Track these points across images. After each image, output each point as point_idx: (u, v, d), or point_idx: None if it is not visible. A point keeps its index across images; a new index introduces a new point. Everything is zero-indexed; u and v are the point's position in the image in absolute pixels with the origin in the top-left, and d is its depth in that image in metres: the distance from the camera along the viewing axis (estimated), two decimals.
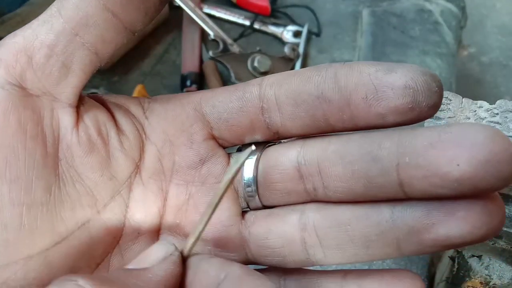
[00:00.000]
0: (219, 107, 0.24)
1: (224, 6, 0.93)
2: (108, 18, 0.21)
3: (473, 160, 0.18)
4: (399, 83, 0.20)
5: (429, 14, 0.96)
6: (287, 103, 0.22)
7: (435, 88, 0.20)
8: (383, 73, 0.20)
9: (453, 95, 0.39)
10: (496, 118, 0.37)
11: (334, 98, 0.21)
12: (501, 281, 0.40)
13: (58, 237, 0.22)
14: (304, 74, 0.22)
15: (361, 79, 0.20)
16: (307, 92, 0.22)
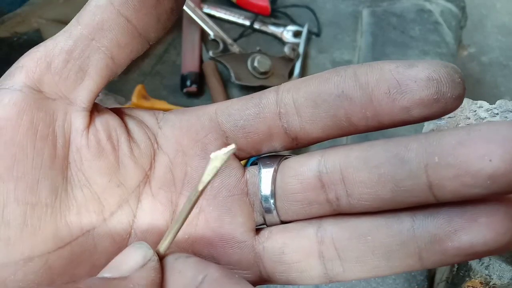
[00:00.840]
0: (235, 115, 0.23)
1: (224, 6, 0.93)
2: (123, 23, 0.22)
3: (507, 155, 0.17)
4: (422, 75, 0.19)
5: (429, 14, 0.96)
6: (306, 105, 0.22)
7: (458, 79, 0.19)
8: (404, 68, 0.20)
9: None
10: (496, 118, 0.37)
11: (356, 96, 0.21)
12: (501, 281, 0.40)
13: (61, 242, 0.21)
14: (322, 76, 0.22)
15: (383, 75, 0.21)
16: (327, 92, 0.21)
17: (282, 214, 0.24)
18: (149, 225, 0.24)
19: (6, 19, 0.79)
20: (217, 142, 0.24)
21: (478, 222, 0.19)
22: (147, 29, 0.23)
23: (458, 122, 0.37)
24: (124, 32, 0.22)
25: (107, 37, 0.22)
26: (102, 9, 0.22)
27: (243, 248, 0.23)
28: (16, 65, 0.22)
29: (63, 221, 0.22)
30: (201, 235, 0.24)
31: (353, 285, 0.55)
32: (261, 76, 0.78)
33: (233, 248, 0.23)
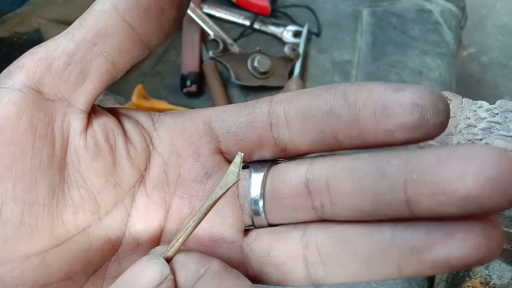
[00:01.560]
0: (228, 121, 0.24)
1: (224, 6, 0.93)
2: (126, 30, 0.22)
3: (480, 177, 0.18)
4: (408, 100, 0.20)
5: (429, 14, 0.96)
6: (296, 119, 0.23)
7: (442, 107, 0.20)
8: (392, 91, 0.20)
9: (453, 95, 0.39)
10: (496, 118, 0.37)
11: (343, 114, 0.21)
12: (501, 281, 0.40)
13: (57, 240, 0.22)
14: (314, 92, 0.23)
15: (371, 96, 0.21)
16: (316, 107, 0.22)
17: (270, 217, 0.25)
18: (143, 224, 0.24)
19: (6, 19, 0.79)
20: (210, 146, 0.25)
21: (455, 237, 0.19)
22: (150, 36, 0.23)
23: (458, 122, 0.37)
24: (126, 39, 0.23)
25: (110, 42, 0.22)
26: (106, 15, 0.22)
27: (232, 248, 0.24)
28: (16, 64, 0.22)
29: (60, 220, 0.22)
30: (193, 234, 0.24)
31: (353, 285, 0.55)
32: (261, 76, 0.78)
33: (223, 248, 0.24)
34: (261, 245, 0.24)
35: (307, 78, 0.81)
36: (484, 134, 0.36)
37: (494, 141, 0.36)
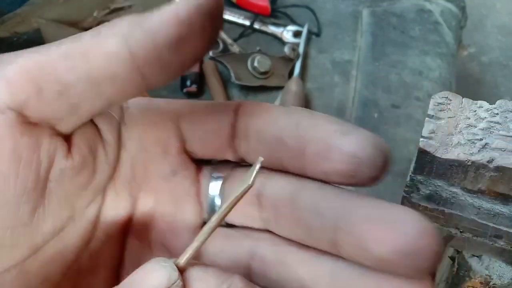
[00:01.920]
0: (196, 125, 0.24)
1: (224, 6, 0.92)
2: (137, 79, 0.20)
3: (395, 247, 0.18)
4: (348, 150, 0.20)
5: (429, 14, 0.96)
6: (253, 135, 0.23)
7: (379, 163, 0.20)
8: (338, 135, 0.21)
9: (453, 95, 0.39)
10: (496, 118, 0.37)
11: (291, 145, 0.22)
12: (501, 281, 0.40)
13: (35, 249, 0.22)
14: (273, 113, 0.23)
15: (318, 135, 0.21)
16: (270, 132, 0.22)
17: (227, 217, 0.25)
18: (113, 220, 0.25)
19: (6, 19, 0.79)
20: (177, 145, 0.25)
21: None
22: (154, 83, 0.22)
23: (458, 122, 0.37)
24: (134, 86, 0.21)
25: (116, 87, 0.20)
26: (121, 61, 0.20)
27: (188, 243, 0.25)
28: (1, 73, 0.20)
29: (39, 232, 0.22)
30: (156, 226, 0.25)
31: None
32: (261, 76, 0.78)
33: (182, 241, 0.25)
34: (214, 245, 0.25)
35: (307, 78, 0.81)
36: (484, 134, 0.36)
37: (494, 141, 0.36)
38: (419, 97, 0.79)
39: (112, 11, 0.84)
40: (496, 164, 0.35)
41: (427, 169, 0.37)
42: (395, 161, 0.76)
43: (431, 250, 0.18)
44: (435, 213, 0.40)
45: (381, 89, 0.80)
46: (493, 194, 0.37)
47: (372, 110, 0.76)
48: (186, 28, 0.19)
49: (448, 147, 0.36)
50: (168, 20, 0.19)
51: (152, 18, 0.19)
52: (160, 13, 0.19)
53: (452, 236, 0.41)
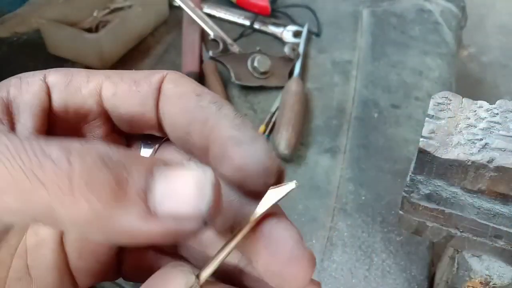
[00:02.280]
0: (121, 108, 0.23)
1: (224, 6, 0.92)
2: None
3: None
4: (236, 162, 0.21)
5: (429, 14, 0.96)
6: (168, 125, 0.23)
7: (264, 178, 0.21)
8: (231, 143, 0.21)
9: (453, 95, 0.39)
10: (496, 118, 0.37)
11: (198, 143, 0.22)
12: (501, 281, 0.40)
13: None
14: (186, 101, 0.22)
15: (218, 139, 0.21)
16: (180, 125, 0.22)
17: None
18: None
19: (6, 19, 0.79)
20: (106, 127, 0.24)
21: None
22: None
23: (458, 122, 0.37)
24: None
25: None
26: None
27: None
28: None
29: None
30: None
31: (353, 285, 0.55)
32: (261, 76, 0.78)
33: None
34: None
35: (307, 78, 0.81)
36: (484, 134, 0.36)
37: (494, 141, 0.36)
38: (419, 97, 0.79)
39: (112, 11, 0.84)
40: (496, 164, 0.35)
41: (427, 169, 0.37)
42: (395, 161, 0.77)
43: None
44: (435, 213, 0.40)
45: (381, 89, 0.80)
46: (493, 194, 0.37)
47: (372, 110, 0.76)
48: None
49: (448, 147, 0.36)
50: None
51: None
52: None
53: (452, 236, 0.41)
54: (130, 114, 0.23)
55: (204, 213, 0.17)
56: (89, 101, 0.23)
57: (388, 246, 0.59)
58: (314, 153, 0.69)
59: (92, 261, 0.26)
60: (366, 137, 0.72)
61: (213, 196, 0.17)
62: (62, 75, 0.23)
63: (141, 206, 0.16)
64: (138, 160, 0.17)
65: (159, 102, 0.23)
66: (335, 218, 0.62)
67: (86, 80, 0.23)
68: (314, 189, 0.65)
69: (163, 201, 0.17)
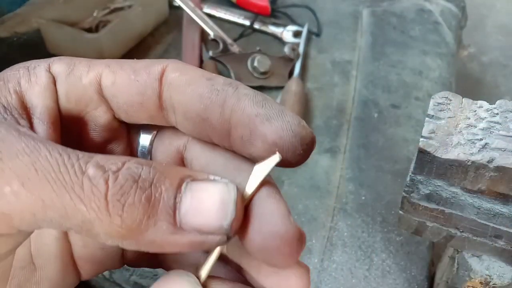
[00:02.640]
0: (120, 98, 0.23)
1: (224, 6, 0.92)
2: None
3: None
4: (269, 138, 0.21)
5: (429, 14, 0.96)
6: (179, 113, 0.23)
7: (300, 151, 0.21)
8: (260, 120, 0.21)
9: (453, 95, 0.39)
10: (496, 118, 0.37)
11: (217, 127, 0.22)
12: (501, 281, 0.40)
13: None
14: (199, 87, 0.22)
15: (242, 119, 0.21)
16: (195, 111, 0.22)
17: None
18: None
19: (6, 19, 0.79)
20: (106, 116, 0.24)
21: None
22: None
23: (458, 122, 0.37)
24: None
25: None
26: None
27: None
28: None
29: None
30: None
31: (353, 285, 0.55)
32: (261, 76, 0.78)
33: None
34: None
35: (307, 78, 0.81)
36: (484, 134, 0.36)
37: (494, 141, 0.36)
38: (419, 97, 0.79)
39: (112, 11, 0.84)
40: (496, 164, 0.35)
41: (427, 169, 0.37)
42: (395, 161, 0.77)
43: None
44: (435, 213, 0.40)
45: (381, 89, 0.80)
46: (493, 194, 0.37)
47: (372, 110, 0.76)
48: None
49: (448, 147, 0.36)
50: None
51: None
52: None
53: (452, 236, 0.41)
54: (128, 103, 0.23)
55: (226, 229, 0.18)
56: (89, 91, 0.23)
57: (388, 246, 0.59)
58: (314, 153, 0.69)
59: (96, 248, 0.26)
60: (366, 137, 0.72)
61: (235, 212, 0.18)
62: (65, 64, 0.23)
63: (169, 221, 0.18)
64: (167, 176, 0.18)
65: (162, 93, 0.23)
66: (335, 218, 0.62)
67: (87, 70, 0.23)
68: (314, 189, 0.65)
69: (189, 216, 0.18)
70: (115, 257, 0.26)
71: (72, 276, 0.26)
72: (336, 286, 0.55)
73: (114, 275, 0.59)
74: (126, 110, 0.24)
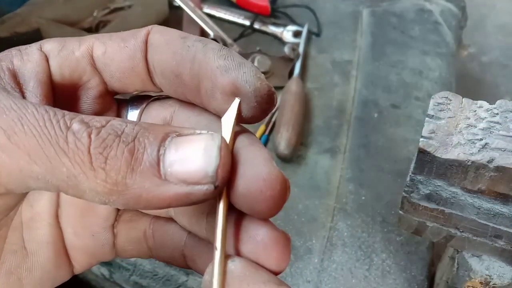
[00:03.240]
0: (111, 66, 0.24)
1: (224, 6, 0.92)
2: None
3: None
4: (226, 89, 0.21)
5: (429, 14, 0.96)
6: (158, 72, 0.23)
7: (253, 103, 0.21)
8: (220, 72, 0.21)
9: (453, 95, 0.39)
10: (496, 118, 0.37)
11: (188, 83, 0.22)
12: (501, 281, 0.40)
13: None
14: (173, 45, 0.22)
15: (207, 72, 0.21)
16: (170, 68, 0.23)
17: None
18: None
19: (6, 19, 0.79)
20: (99, 88, 0.25)
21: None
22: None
23: (458, 122, 0.37)
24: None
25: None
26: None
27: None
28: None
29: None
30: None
31: (353, 285, 0.55)
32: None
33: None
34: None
35: (307, 78, 0.81)
36: (484, 134, 0.36)
37: (494, 141, 0.36)
38: (419, 97, 0.79)
39: (112, 11, 0.84)
40: (496, 164, 0.35)
41: (427, 169, 0.37)
42: (395, 161, 0.77)
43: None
44: (435, 213, 0.40)
45: (381, 89, 0.80)
46: (493, 194, 0.37)
47: (372, 110, 0.76)
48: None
49: (448, 147, 0.36)
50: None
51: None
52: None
53: (452, 236, 0.41)
54: (120, 70, 0.24)
55: (212, 176, 0.18)
56: (82, 63, 0.24)
57: (388, 246, 0.59)
58: (314, 153, 0.69)
59: (87, 235, 0.26)
60: (366, 137, 0.72)
61: (220, 159, 0.18)
62: (56, 42, 0.24)
63: (154, 173, 0.18)
64: (150, 132, 0.18)
65: (147, 55, 0.23)
66: (335, 218, 0.62)
67: (78, 44, 0.24)
68: (314, 189, 0.65)
69: (174, 167, 0.18)
70: (106, 246, 0.26)
71: (65, 267, 0.26)
72: (336, 286, 0.55)
73: (114, 275, 0.59)
74: (119, 78, 0.24)
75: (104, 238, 0.26)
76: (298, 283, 0.55)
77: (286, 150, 0.66)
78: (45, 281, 0.25)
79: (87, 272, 0.62)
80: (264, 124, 0.72)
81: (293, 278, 0.56)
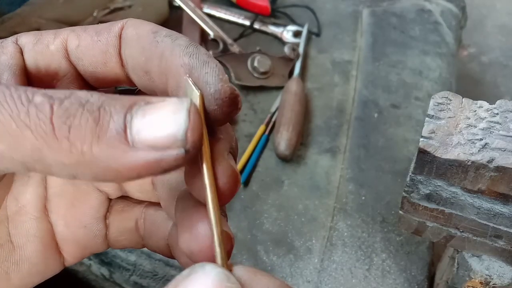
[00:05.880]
0: (84, 60, 0.23)
1: (224, 6, 0.92)
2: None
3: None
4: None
5: (429, 14, 0.95)
6: (129, 66, 0.23)
7: (214, 106, 0.21)
8: (183, 71, 0.21)
9: (453, 95, 0.39)
10: (496, 118, 0.37)
11: (157, 80, 0.22)
12: (501, 281, 0.40)
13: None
14: (143, 40, 0.22)
15: (172, 71, 0.21)
16: (139, 65, 0.22)
17: None
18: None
19: (6, 19, 0.79)
20: (77, 82, 0.24)
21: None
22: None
23: (458, 122, 0.37)
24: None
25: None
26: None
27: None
28: None
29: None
30: None
31: (353, 285, 0.55)
32: (261, 76, 0.78)
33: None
34: None
35: (307, 78, 0.81)
36: (484, 134, 0.36)
37: (494, 141, 0.36)
38: (419, 97, 0.79)
39: (112, 11, 0.84)
40: (496, 164, 0.35)
41: (427, 169, 0.37)
42: (395, 161, 0.77)
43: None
44: (435, 213, 0.40)
45: (381, 89, 0.80)
46: (493, 194, 0.37)
47: (372, 110, 0.76)
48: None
49: (448, 147, 0.36)
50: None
51: None
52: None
53: (452, 236, 0.41)
54: (93, 64, 0.23)
55: (182, 139, 0.17)
56: (56, 56, 0.23)
57: (388, 246, 0.59)
58: (314, 153, 0.69)
59: (79, 227, 0.26)
60: (366, 137, 0.72)
61: (189, 122, 0.17)
62: (32, 35, 0.24)
63: (120, 140, 0.17)
64: (116, 101, 0.18)
65: (121, 50, 0.23)
66: (335, 218, 0.62)
67: (53, 37, 0.23)
68: (314, 189, 0.65)
69: (141, 133, 0.17)
70: (98, 237, 0.26)
71: (54, 259, 0.25)
72: (336, 286, 0.55)
73: (114, 275, 0.59)
74: (92, 72, 0.24)
75: (96, 229, 0.26)
76: (298, 283, 0.55)
77: (286, 150, 0.66)
78: (34, 274, 0.25)
79: (87, 272, 0.62)
80: (264, 124, 0.72)
81: (293, 278, 0.56)
